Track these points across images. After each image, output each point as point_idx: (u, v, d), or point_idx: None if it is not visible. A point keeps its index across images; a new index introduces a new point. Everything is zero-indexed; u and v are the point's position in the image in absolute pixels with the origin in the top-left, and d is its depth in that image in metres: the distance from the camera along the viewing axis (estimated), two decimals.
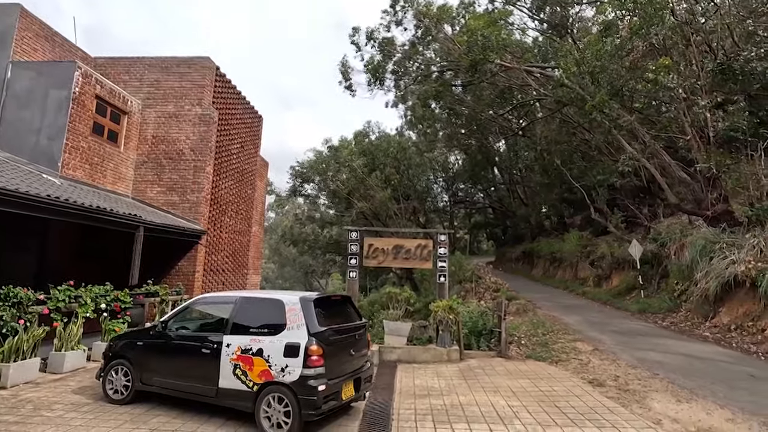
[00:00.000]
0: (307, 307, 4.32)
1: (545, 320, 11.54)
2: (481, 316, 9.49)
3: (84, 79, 9.52)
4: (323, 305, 4.63)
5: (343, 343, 4.54)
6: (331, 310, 4.74)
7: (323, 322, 4.40)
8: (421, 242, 8.87)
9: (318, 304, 4.49)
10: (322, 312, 4.53)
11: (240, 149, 13.78)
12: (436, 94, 20.50)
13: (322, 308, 4.58)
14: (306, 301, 4.38)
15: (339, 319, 4.75)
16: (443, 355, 8.00)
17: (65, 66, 9.35)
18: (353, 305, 5.25)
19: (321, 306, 4.57)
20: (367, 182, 26.88)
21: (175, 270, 10.85)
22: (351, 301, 5.27)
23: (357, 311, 5.25)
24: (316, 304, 4.44)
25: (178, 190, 11.20)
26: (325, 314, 4.56)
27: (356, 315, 5.15)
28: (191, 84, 11.60)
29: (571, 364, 7.35)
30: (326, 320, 4.48)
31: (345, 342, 4.57)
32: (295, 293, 4.66)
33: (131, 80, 11.69)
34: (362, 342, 4.94)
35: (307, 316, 4.25)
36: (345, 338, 4.59)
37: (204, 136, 11.35)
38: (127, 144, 11.11)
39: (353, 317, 5.04)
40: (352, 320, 4.94)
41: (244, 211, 14.32)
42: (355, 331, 4.80)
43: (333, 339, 4.37)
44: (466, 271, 20.59)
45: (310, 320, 4.23)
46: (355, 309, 5.24)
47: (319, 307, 4.52)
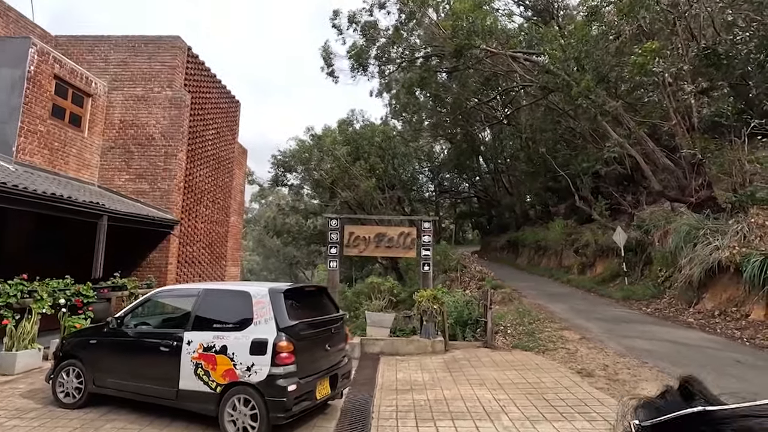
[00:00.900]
0: (276, 299, 3.93)
1: (531, 309, 11.38)
2: (466, 305, 9.23)
3: (40, 57, 8.79)
4: (295, 297, 4.25)
5: (317, 338, 4.17)
6: (304, 303, 4.36)
7: (295, 315, 4.02)
8: (405, 230, 8.52)
9: (289, 296, 4.11)
10: (294, 305, 4.14)
11: (216, 135, 13.15)
12: (421, 80, 20.02)
13: (294, 300, 4.20)
14: (275, 293, 3.98)
15: (313, 312, 4.37)
16: (427, 347, 7.72)
17: (18, 42, 8.62)
18: (329, 297, 4.88)
19: (292, 298, 4.18)
20: (351, 171, 26.34)
21: (147, 262, 10.29)
22: (327, 293, 4.89)
23: (334, 303, 4.88)
24: (286, 296, 4.05)
25: (148, 178, 10.58)
26: (298, 307, 4.17)
27: (333, 307, 4.78)
28: (161, 65, 10.92)
29: (558, 354, 7.15)
30: (298, 313, 4.10)
31: (319, 336, 4.20)
32: (264, 284, 4.27)
33: (96, 60, 10.94)
34: (339, 336, 4.58)
35: (276, 309, 3.86)
36: (319, 332, 4.22)
37: (175, 120, 10.72)
38: (92, 128, 10.42)
39: (329, 310, 4.67)
40: (327, 313, 4.57)
41: (221, 201, 13.74)
42: (331, 324, 4.43)
43: (305, 334, 4.00)
44: (451, 260, 20.39)
45: (280, 314, 3.84)
46: (331, 301, 4.87)
47: (291, 300, 4.14)
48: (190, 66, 11.65)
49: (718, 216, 11.80)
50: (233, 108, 14.54)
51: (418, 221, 9.03)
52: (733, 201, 11.78)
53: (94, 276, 7.76)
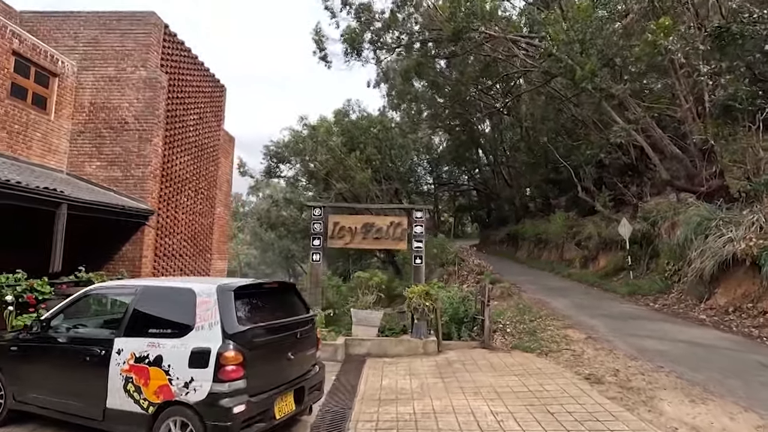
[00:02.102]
0: (224, 299, 3.22)
1: (531, 305, 10.70)
2: (462, 301, 8.53)
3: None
4: (251, 296, 3.55)
5: (277, 345, 3.46)
6: (263, 303, 3.66)
7: (248, 318, 3.32)
8: (394, 219, 7.80)
9: (243, 295, 3.40)
10: (250, 305, 3.45)
11: (198, 121, 12.38)
12: (417, 67, 19.19)
13: (250, 300, 3.50)
14: (224, 292, 3.27)
15: (275, 314, 3.67)
16: (418, 348, 7.04)
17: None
18: (298, 295, 4.16)
19: (248, 297, 3.48)
20: (346, 162, 25.57)
21: (120, 255, 9.58)
22: (294, 290, 4.17)
23: (303, 302, 4.16)
24: (239, 296, 3.34)
25: (120, 165, 9.83)
26: (255, 308, 3.48)
27: (301, 307, 4.07)
28: (134, 43, 10.12)
29: (562, 356, 6.46)
30: (254, 316, 3.41)
31: (280, 343, 3.50)
32: (215, 280, 3.57)
33: (64, 38, 10.14)
34: (307, 341, 3.88)
35: (224, 311, 3.15)
36: (281, 338, 3.51)
37: (150, 102, 9.95)
38: (60, 111, 9.66)
39: (297, 310, 3.96)
40: (294, 314, 3.86)
41: (205, 190, 13.01)
42: (297, 328, 3.72)
43: (261, 341, 3.29)
44: (449, 253, 19.71)
45: (227, 317, 3.14)
46: (300, 299, 4.15)
47: (245, 299, 3.44)
48: (168, 45, 10.86)
49: (731, 206, 11.10)
50: (218, 92, 13.76)
51: (409, 210, 8.31)
52: (747, 190, 11.07)
53: (51, 270, 7.06)
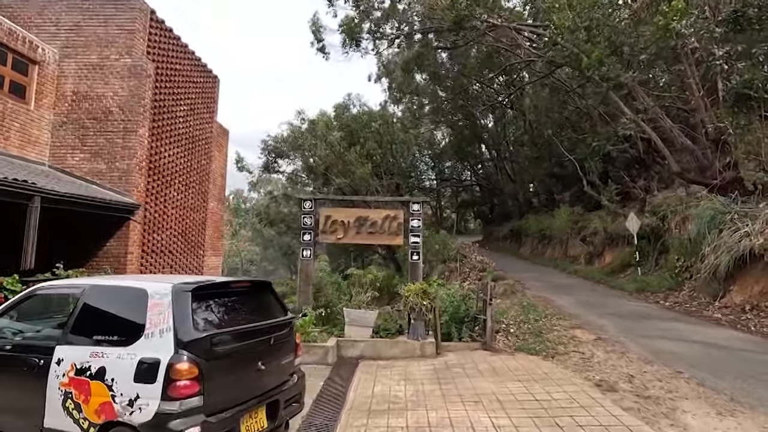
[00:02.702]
0: (180, 300, 2.75)
1: (536, 303, 10.22)
2: (463, 300, 8.05)
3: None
4: (216, 297, 3.08)
5: (244, 354, 2.99)
6: (230, 305, 3.19)
7: (210, 323, 2.86)
8: (390, 213, 7.31)
9: (203, 296, 2.93)
10: (214, 308, 2.98)
11: (189, 112, 11.91)
12: (418, 58, 18.64)
13: (214, 302, 3.03)
14: (180, 292, 2.79)
15: (244, 317, 3.20)
16: (415, 350, 6.57)
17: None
18: (275, 295, 3.68)
19: (211, 299, 3.01)
20: (346, 157, 25.06)
21: (104, 252, 9.15)
22: (271, 290, 3.68)
23: (280, 303, 3.68)
24: (198, 297, 2.87)
25: (105, 157, 9.39)
26: (219, 311, 3.01)
27: (278, 309, 3.59)
28: (119, 29, 9.65)
29: (571, 359, 5.98)
30: (217, 320, 2.94)
31: (249, 351, 3.02)
32: (171, 278, 3.10)
33: (45, 24, 9.67)
34: (283, 348, 3.41)
35: (179, 315, 2.69)
36: (249, 346, 3.04)
37: (135, 91, 9.48)
38: (40, 100, 9.21)
39: (272, 312, 3.49)
40: (269, 317, 3.39)
41: (197, 184, 12.55)
42: (271, 332, 3.25)
43: (224, 350, 2.82)
44: (450, 250, 19.25)
45: (182, 322, 2.67)
46: (277, 300, 3.67)
47: (207, 301, 2.97)
48: (155, 32, 10.38)
49: (746, 199, 10.57)
50: (210, 83, 13.27)
51: (406, 203, 7.82)
52: (764, 182, 10.52)
53: (23, 267, 6.63)
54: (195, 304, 2.80)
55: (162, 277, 3.37)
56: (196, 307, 2.81)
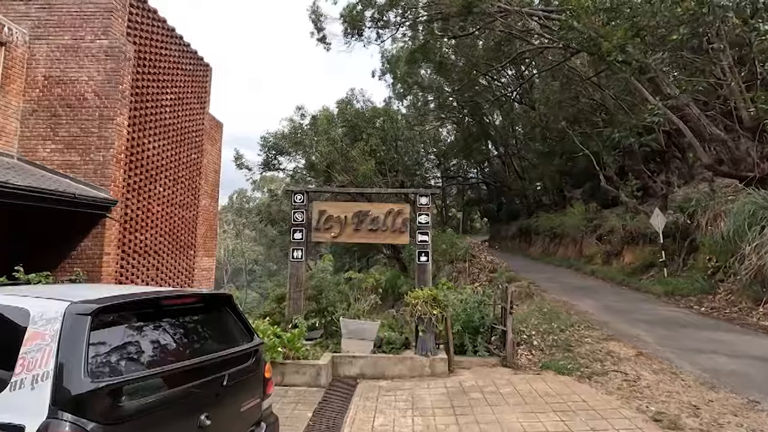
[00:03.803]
0: (72, 329, 1.79)
1: (557, 307, 9.21)
2: (477, 306, 7.06)
3: None
4: (136, 321, 2.10)
5: (178, 406, 2.03)
6: (161, 332, 2.21)
7: (119, 364, 1.90)
8: (394, 207, 6.34)
9: (114, 321, 1.97)
10: (131, 338, 2.02)
11: (176, 101, 11.01)
12: (423, 47, 17.64)
13: (133, 329, 2.06)
14: (75, 316, 1.84)
15: (184, 349, 2.24)
16: (424, 368, 5.59)
17: None
18: (236, 314, 2.70)
19: (127, 324, 2.04)
20: (349, 154, 24.16)
21: (77, 253, 8.25)
22: (230, 306, 2.70)
23: (243, 323, 2.71)
24: (104, 322, 1.90)
25: (78, 148, 8.49)
26: (139, 343, 2.04)
27: (239, 334, 2.62)
28: (95, 7, 8.75)
29: (612, 381, 4.97)
30: (134, 358, 1.97)
31: (184, 402, 2.06)
32: (72, 290, 2.15)
33: (14, 3, 8.80)
34: (245, 388, 2.45)
35: (67, 352, 1.73)
36: (186, 393, 2.07)
37: (112, 75, 8.58)
38: (8, 86, 8.33)
39: (229, 338, 2.52)
40: (224, 345, 2.43)
41: (186, 180, 11.66)
42: (224, 369, 2.28)
43: (139, 405, 1.85)
44: (458, 249, 18.24)
45: (71, 364, 1.71)
46: (239, 319, 2.70)
47: (121, 328, 2.00)
48: (137, 12, 9.49)
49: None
50: (201, 72, 12.37)
51: (412, 195, 6.84)
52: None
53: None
54: (99, 333, 1.85)
55: (70, 289, 2.41)
56: (101, 339, 1.86)
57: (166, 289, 2.27)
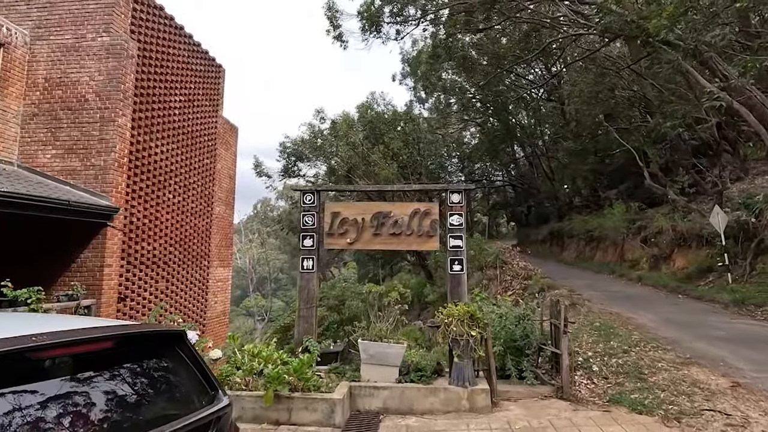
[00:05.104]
0: None
1: (609, 321, 7.98)
2: (519, 321, 5.99)
3: None
4: (11, 384, 1.23)
5: None
6: (45, 405, 1.32)
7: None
8: (419, 207, 5.35)
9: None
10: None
11: (186, 103, 10.43)
12: (446, 41, 16.68)
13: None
14: None
15: (91, 428, 1.35)
16: (461, 401, 4.57)
17: None
18: (190, 358, 1.78)
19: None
20: (370, 158, 23.39)
21: (77, 265, 7.64)
22: (178, 348, 1.78)
23: (203, 375, 1.79)
24: None
25: (79, 153, 7.93)
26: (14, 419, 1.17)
27: (194, 390, 1.71)
28: (95, 4, 8.24)
29: (711, 426, 3.81)
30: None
31: None
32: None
33: (16, 3, 8.40)
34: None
35: None
36: None
37: (113, 74, 8.00)
38: (7, 90, 7.86)
39: (177, 401, 1.62)
40: (171, 412, 1.52)
41: (198, 186, 11.04)
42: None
43: None
44: (488, 255, 17.03)
45: None
46: (195, 369, 1.79)
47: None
48: (141, 9, 8.95)
49: None
50: (213, 73, 11.80)
51: (441, 192, 5.86)
52: None
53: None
54: None
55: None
56: None
57: (83, 325, 1.37)
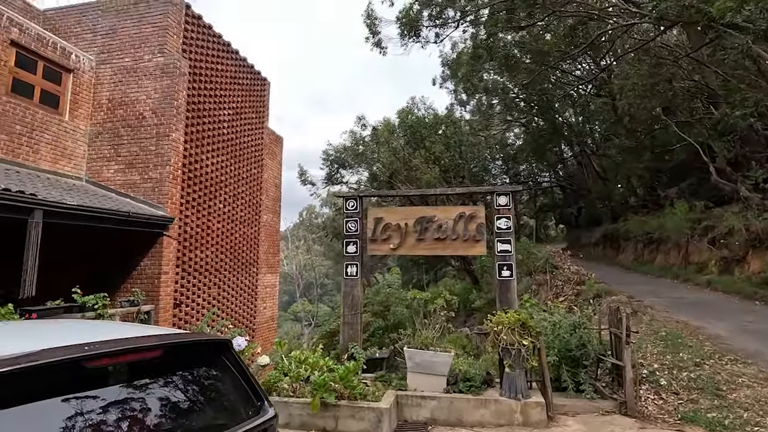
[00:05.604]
0: None
1: (677, 330, 7.34)
2: (575, 329, 5.63)
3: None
4: (52, 394, 1.25)
5: None
6: (95, 410, 1.33)
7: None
8: (465, 211, 5.18)
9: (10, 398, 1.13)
10: (42, 425, 1.16)
11: (234, 116, 10.87)
12: (488, 40, 16.33)
13: (47, 408, 1.21)
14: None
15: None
16: (514, 414, 4.33)
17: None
18: (235, 367, 1.76)
19: (30, 398, 1.20)
20: (411, 162, 23.34)
21: (137, 272, 8.13)
22: (223, 357, 1.76)
23: (249, 385, 1.76)
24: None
25: (138, 167, 8.46)
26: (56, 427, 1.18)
27: (240, 400, 1.68)
28: (151, 27, 8.80)
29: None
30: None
31: None
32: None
33: (84, 32, 9.14)
34: None
35: None
36: None
37: (167, 92, 8.49)
38: (76, 111, 8.56)
39: (225, 411, 1.60)
40: (219, 422, 1.50)
41: (246, 195, 11.45)
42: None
43: None
44: (537, 259, 16.35)
45: None
46: (242, 378, 1.76)
47: (18, 407, 1.16)
48: (191, 29, 9.45)
49: None
50: (259, 86, 12.24)
51: (486, 195, 5.65)
52: None
53: (22, 294, 5.57)
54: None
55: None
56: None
57: (134, 334, 1.39)
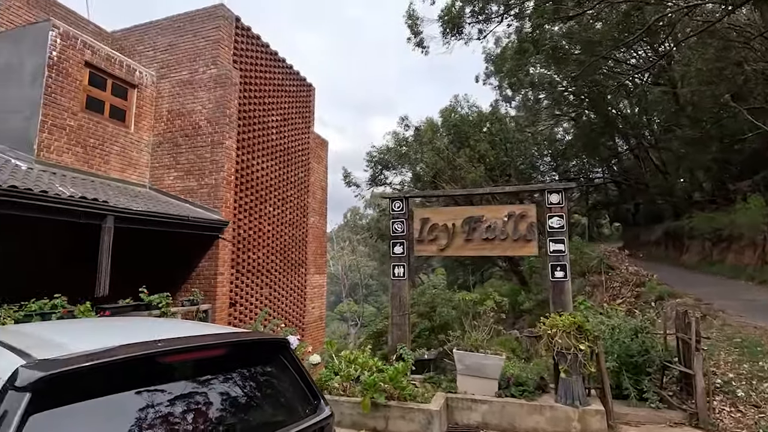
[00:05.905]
0: (6, 412, 1.08)
1: (755, 336, 6.70)
2: (636, 334, 5.29)
3: (64, 41, 7.67)
4: (125, 389, 1.34)
5: None
6: (158, 406, 1.40)
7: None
8: (514, 210, 5.02)
9: (75, 394, 1.22)
10: (114, 418, 1.25)
11: (282, 122, 11.25)
12: (534, 32, 15.78)
13: (119, 402, 1.30)
14: (12, 394, 1.12)
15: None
16: (571, 422, 4.14)
17: (39, 27, 7.60)
18: (294, 366, 1.81)
19: (103, 392, 1.29)
20: (455, 162, 23.04)
21: (196, 273, 8.62)
22: (281, 356, 1.80)
23: (306, 384, 1.81)
24: (59, 397, 1.16)
25: (195, 173, 8.97)
26: (131, 426, 1.27)
27: (298, 399, 1.73)
28: (205, 41, 9.30)
29: None
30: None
31: None
32: (68, 334, 1.49)
33: (145, 50, 9.84)
34: None
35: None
36: None
37: (221, 101, 8.94)
38: (139, 123, 9.23)
39: (282, 409, 1.65)
40: (277, 419, 1.56)
41: (295, 198, 11.80)
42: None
43: None
44: (590, 259, 15.59)
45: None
46: (299, 377, 1.80)
47: (93, 400, 1.25)
48: (241, 40, 9.88)
49: None
50: (305, 92, 12.58)
51: (535, 193, 5.45)
52: None
53: (97, 293, 6.07)
54: (50, 416, 1.11)
55: (56, 333, 1.78)
56: (54, 424, 1.12)
57: (200, 332, 1.48)
